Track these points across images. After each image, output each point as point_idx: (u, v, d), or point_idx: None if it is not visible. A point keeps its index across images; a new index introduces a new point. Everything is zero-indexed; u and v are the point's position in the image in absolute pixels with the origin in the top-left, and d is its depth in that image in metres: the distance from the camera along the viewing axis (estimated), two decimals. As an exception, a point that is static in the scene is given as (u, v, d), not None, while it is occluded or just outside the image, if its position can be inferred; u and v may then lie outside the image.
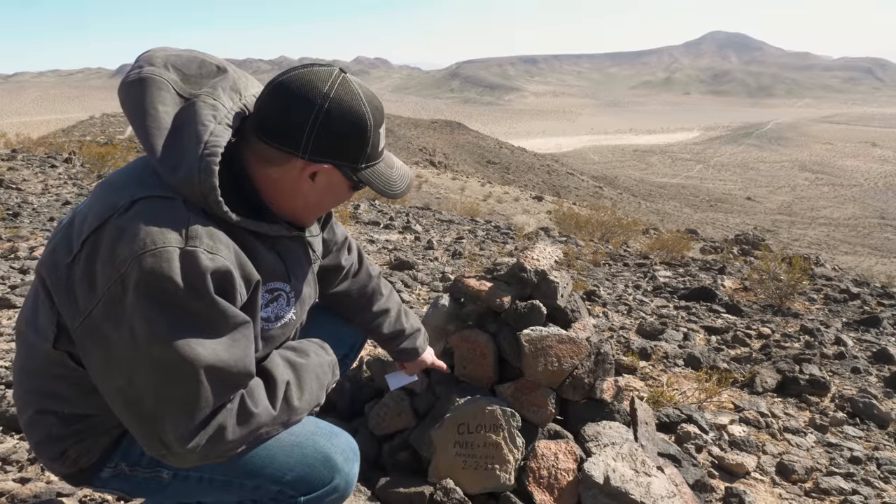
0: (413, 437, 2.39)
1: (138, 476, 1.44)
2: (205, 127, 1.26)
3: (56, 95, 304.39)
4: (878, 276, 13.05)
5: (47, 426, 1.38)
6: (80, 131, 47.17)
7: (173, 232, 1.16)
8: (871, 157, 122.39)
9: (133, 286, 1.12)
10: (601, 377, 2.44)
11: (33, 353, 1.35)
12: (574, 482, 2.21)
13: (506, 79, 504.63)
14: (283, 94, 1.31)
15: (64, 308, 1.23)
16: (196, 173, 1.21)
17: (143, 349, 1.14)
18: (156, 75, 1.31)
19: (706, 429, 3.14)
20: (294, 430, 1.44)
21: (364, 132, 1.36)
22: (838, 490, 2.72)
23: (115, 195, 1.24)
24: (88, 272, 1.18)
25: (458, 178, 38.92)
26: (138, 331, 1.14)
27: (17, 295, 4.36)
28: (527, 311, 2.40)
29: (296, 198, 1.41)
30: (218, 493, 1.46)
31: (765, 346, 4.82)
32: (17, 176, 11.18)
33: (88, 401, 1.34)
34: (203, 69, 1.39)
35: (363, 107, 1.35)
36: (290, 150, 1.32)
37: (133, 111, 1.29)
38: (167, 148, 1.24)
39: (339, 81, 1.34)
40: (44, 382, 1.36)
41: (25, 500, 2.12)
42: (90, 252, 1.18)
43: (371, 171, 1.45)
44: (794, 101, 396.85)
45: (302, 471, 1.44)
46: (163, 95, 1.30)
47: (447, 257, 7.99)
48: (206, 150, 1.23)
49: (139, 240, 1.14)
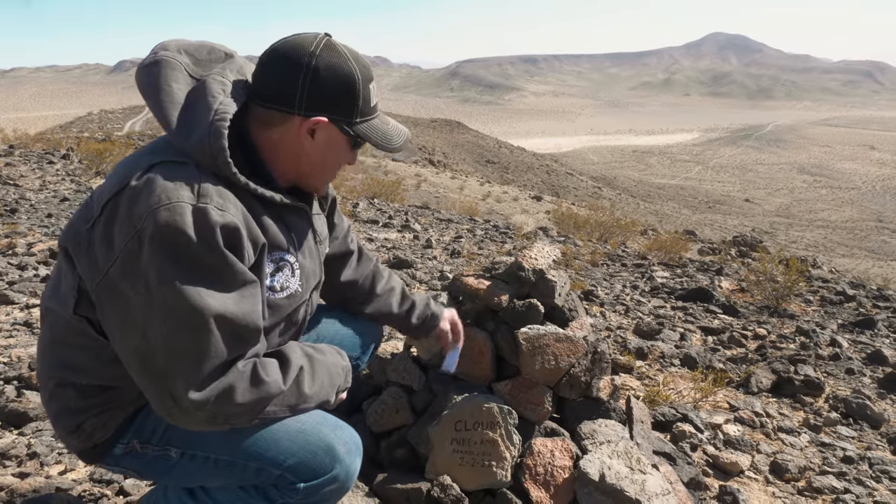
0: (411, 434, 2.40)
1: (148, 454, 1.49)
2: (214, 98, 1.37)
3: (54, 91, 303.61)
4: (874, 279, 13.09)
5: (66, 399, 1.44)
6: (77, 127, 47.12)
7: (185, 189, 1.25)
8: (870, 160, 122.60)
9: (148, 239, 1.20)
10: (598, 376, 2.46)
11: (56, 325, 1.42)
12: (570, 479, 2.23)
13: (505, 78, 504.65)
14: (274, 59, 1.43)
15: (85, 272, 1.30)
16: (206, 137, 1.32)
17: (156, 299, 1.21)
18: (169, 57, 1.42)
19: (701, 428, 3.16)
20: (300, 418, 1.49)
21: (353, 85, 1.46)
22: (830, 489, 2.75)
23: (130, 168, 1.33)
24: (107, 233, 1.26)
25: (457, 178, 38.93)
26: (151, 282, 1.20)
27: (14, 291, 4.37)
28: (525, 309, 2.41)
29: (300, 158, 1.50)
30: (222, 474, 1.49)
31: (760, 347, 4.85)
32: (15, 172, 11.17)
33: (108, 372, 1.41)
34: (212, 55, 1.51)
35: (350, 62, 1.45)
36: (286, 110, 1.43)
37: (149, 89, 1.40)
38: (181, 119, 1.36)
39: (325, 42, 1.45)
40: (66, 354, 1.43)
41: (24, 495, 2.13)
42: (109, 215, 1.27)
43: (367, 125, 1.53)
44: (793, 104, 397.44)
45: (304, 457, 1.47)
46: (176, 75, 1.41)
47: (446, 256, 8.01)
48: (216, 115, 1.34)
49: (154, 196, 1.22)
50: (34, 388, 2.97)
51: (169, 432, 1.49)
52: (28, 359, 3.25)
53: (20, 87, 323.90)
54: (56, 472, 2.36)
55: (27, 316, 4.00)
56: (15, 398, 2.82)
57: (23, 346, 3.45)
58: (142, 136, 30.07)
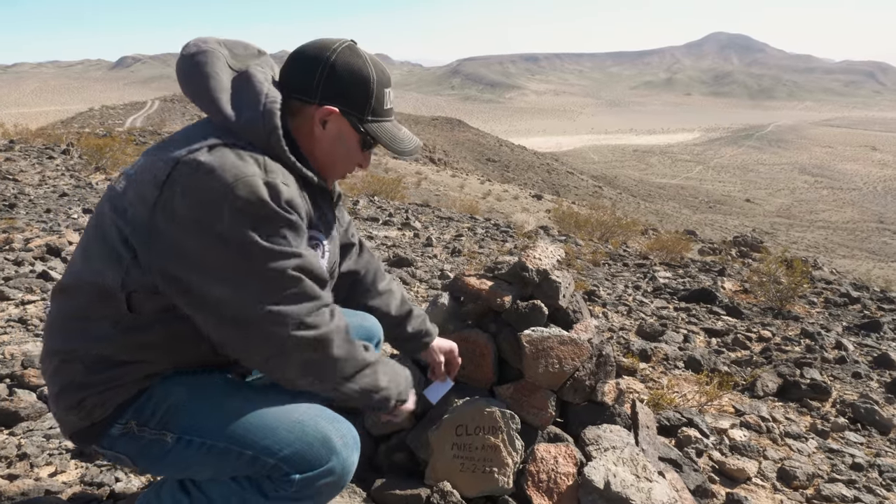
0: (410, 439, 2.34)
1: (145, 437, 1.49)
2: (262, 84, 1.48)
3: (55, 87, 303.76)
4: (875, 280, 13.02)
5: (72, 373, 1.45)
6: (79, 123, 47.00)
7: (254, 165, 1.37)
8: (871, 161, 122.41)
9: (229, 209, 1.30)
10: (602, 379, 2.40)
11: (79, 298, 1.45)
12: (574, 486, 2.17)
13: (507, 77, 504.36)
14: (300, 53, 1.58)
15: (150, 248, 1.36)
16: (260, 117, 1.43)
17: (244, 259, 1.33)
18: (213, 48, 1.53)
19: (707, 433, 3.10)
20: (298, 409, 1.53)
21: (367, 83, 1.57)
22: (840, 497, 2.68)
23: (174, 148, 1.39)
24: (175, 209, 1.32)
25: (457, 176, 38.84)
26: (237, 246, 1.32)
27: (10, 287, 4.31)
28: (528, 311, 2.35)
29: (314, 147, 1.59)
30: (216, 463, 1.48)
31: (765, 350, 4.78)
32: (14, 167, 11.12)
33: (126, 342, 1.45)
34: (247, 51, 1.62)
35: (367, 64, 1.58)
36: (304, 99, 1.55)
37: (196, 77, 1.49)
38: (232, 104, 1.46)
39: (347, 44, 1.58)
40: (85, 325, 1.45)
41: (13, 498, 2.07)
42: (176, 192, 1.32)
43: (378, 125, 1.63)
44: (794, 104, 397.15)
45: (300, 447, 1.47)
46: (221, 65, 1.51)
47: (446, 255, 7.95)
48: (268, 98, 1.46)
49: (229, 172, 1.32)
50: (27, 386, 2.91)
51: (167, 416, 1.49)
52: (21, 356, 3.19)
53: (22, 82, 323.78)
54: (46, 474, 2.31)
55: (22, 312, 3.94)
56: (6, 397, 2.76)
57: (16, 344, 3.39)
58: (143, 132, 30.00)
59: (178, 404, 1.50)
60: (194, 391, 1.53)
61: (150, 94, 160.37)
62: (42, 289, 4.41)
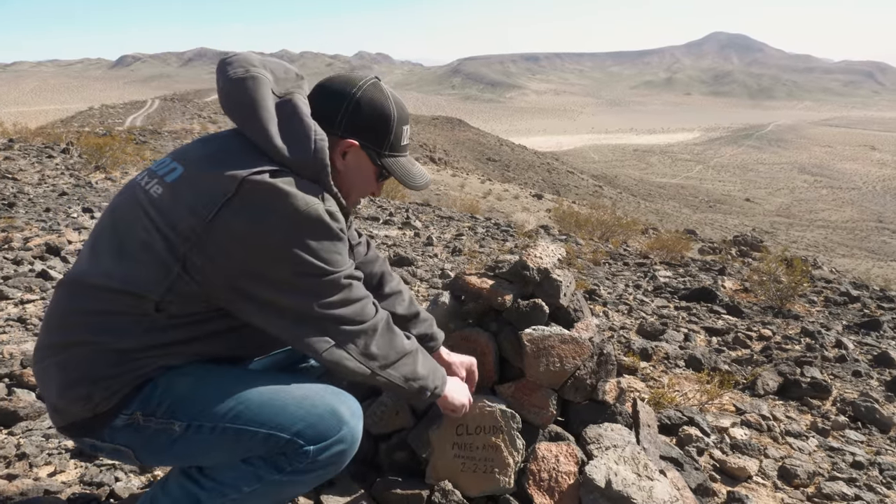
0: (411, 437, 2.33)
1: (151, 427, 1.51)
2: (309, 118, 1.55)
3: (55, 85, 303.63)
4: (875, 280, 13.01)
5: (87, 366, 1.47)
6: (78, 122, 46.95)
7: (315, 195, 1.48)
8: (870, 160, 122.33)
9: (298, 232, 1.44)
10: (603, 378, 2.39)
11: (101, 297, 1.47)
12: (575, 485, 2.16)
13: (507, 76, 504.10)
14: (327, 86, 1.66)
15: (205, 262, 1.43)
16: (311, 153, 1.52)
17: (310, 275, 1.47)
18: (261, 74, 1.58)
19: (708, 431, 3.10)
20: (303, 386, 1.62)
21: (388, 121, 1.66)
22: (841, 495, 2.68)
23: (230, 166, 1.46)
24: (238, 228, 1.41)
25: (458, 175, 38.82)
26: (303, 262, 1.45)
27: (9, 286, 4.30)
28: (529, 309, 2.34)
29: (333, 174, 1.62)
30: (229, 445, 1.52)
31: (766, 348, 4.78)
32: (14, 166, 11.11)
33: (145, 339, 1.48)
34: (287, 74, 1.68)
35: (389, 102, 1.67)
36: (328, 129, 1.59)
37: (243, 103, 1.54)
38: (282, 134, 1.52)
39: (372, 82, 1.67)
40: (103, 319, 1.47)
41: (12, 497, 2.06)
42: (238, 212, 1.41)
43: (394, 160, 1.72)
44: (794, 104, 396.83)
45: (312, 421, 1.55)
46: (267, 91, 1.56)
47: (447, 254, 7.94)
48: (318, 136, 1.53)
49: (300, 200, 1.44)
50: (26, 385, 2.90)
51: (175, 404, 1.50)
52: (20, 356, 3.18)
53: (21, 81, 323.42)
54: (45, 474, 2.30)
55: (21, 311, 3.93)
56: (5, 396, 2.75)
57: (15, 343, 3.39)
58: (143, 131, 29.97)
59: (184, 392, 1.52)
60: (199, 379, 1.55)
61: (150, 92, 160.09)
62: (41, 288, 4.41)
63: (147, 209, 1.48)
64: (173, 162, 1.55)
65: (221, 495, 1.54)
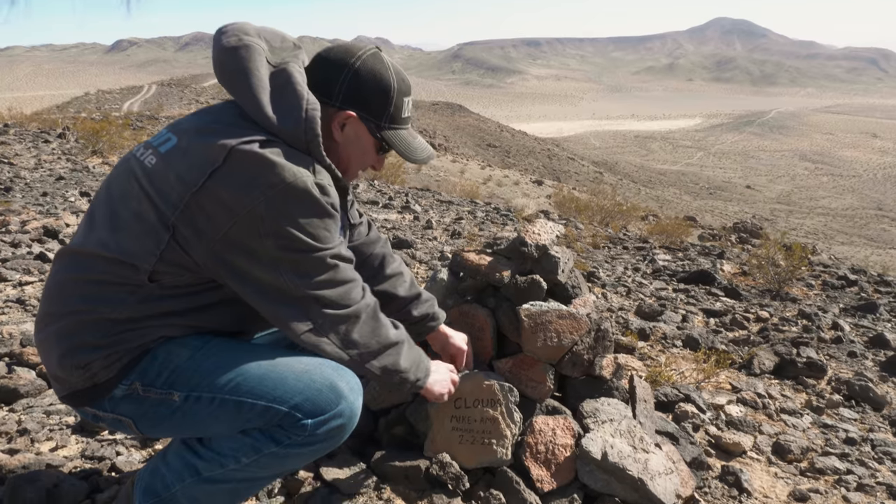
0: (409, 412, 2.36)
1: (150, 398, 1.52)
2: (303, 88, 1.52)
3: (50, 70, 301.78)
4: (873, 267, 13.02)
5: (83, 334, 1.48)
6: (74, 107, 46.74)
7: (306, 168, 1.45)
8: (872, 148, 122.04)
9: (284, 204, 1.40)
10: (600, 354, 2.41)
11: (96, 266, 1.47)
12: (571, 458, 2.19)
13: (508, 61, 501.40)
14: (326, 56, 1.63)
15: (192, 231, 1.42)
16: (302, 123, 1.48)
17: (295, 250, 1.44)
18: (254, 43, 1.55)
19: (703, 408, 3.12)
20: (303, 360, 1.59)
21: (387, 91, 1.63)
22: (833, 470, 2.71)
23: (221, 136, 1.44)
24: (225, 198, 1.39)
25: (458, 161, 38.73)
26: (288, 237, 1.42)
27: (7, 268, 4.31)
28: (527, 285, 2.36)
29: (330, 145, 1.63)
30: (227, 416, 1.53)
31: (763, 330, 4.80)
32: (10, 150, 11.07)
33: (141, 309, 1.48)
34: (284, 43, 1.65)
35: (389, 72, 1.63)
36: (325, 100, 1.59)
37: (236, 72, 1.51)
38: (274, 104, 1.49)
39: (372, 52, 1.64)
40: (98, 289, 1.48)
41: (13, 471, 2.09)
42: (225, 182, 1.39)
43: (394, 133, 1.69)
44: (796, 90, 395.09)
45: (310, 394, 1.53)
46: (261, 60, 1.54)
47: (446, 237, 7.95)
48: (310, 105, 1.50)
49: (287, 170, 1.41)
50: (26, 364, 2.92)
51: (174, 376, 1.52)
52: (20, 335, 3.20)
53: (16, 65, 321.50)
54: (47, 449, 2.32)
55: (20, 293, 3.94)
56: (6, 374, 2.77)
57: (15, 323, 3.40)
58: (139, 116, 29.85)
59: (183, 363, 1.53)
60: (199, 350, 1.56)
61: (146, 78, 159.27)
62: (39, 270, 4.42)
63: (140, 179, 1.48)
64: (168, 133, 1.54)
65: (220, 466, 1.54)
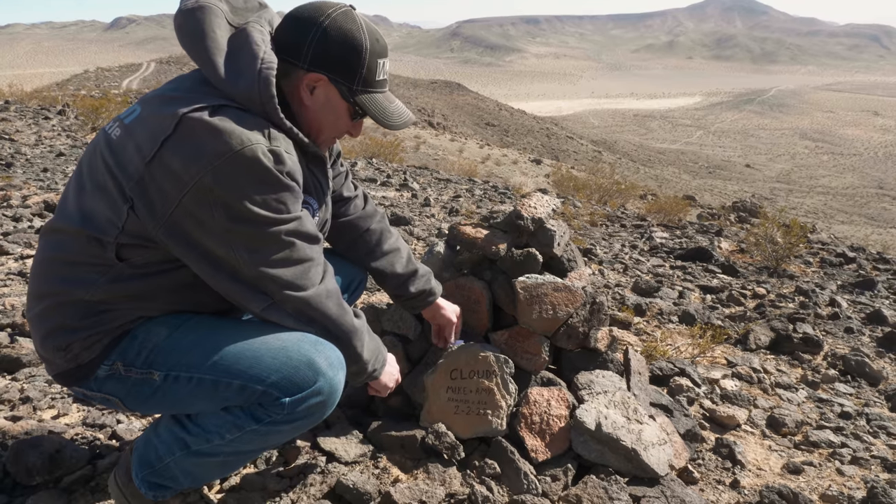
0: (406, 383, 2.38)
1: (132, 377, 1.52)
2: (259, 47, 1.44)
3: (49, 48, 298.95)
4: (873, 245, 13.03)
5: (59, 317, 1.48)
6: (74, 85, 46.40)
7: (258, 133, 1.38)
8: (873, 126, 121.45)
9: (232, 174, 1.34)
10: (596, 326, 2.43)
11: (66, 244, 1.46)
12: (566, 428, 2.21)
13: (507, 39, 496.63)
14: (294, 15, 1.54)
15: (146, 202, 1.37)
16: (256, 84, 1.41)
17: (245, 223, 1.38)
18: (212, 4, 1.48)
19: (698, 382, 3.15)
20: (281, 336, 1.53)
21: (358, 53, 1.53)
22: (827, 443, 2.74)
23: (176, 105, 1.38)
24: (173, 168, 1.34)
25: (456, 140, 38.54)
26: (238, 209, 1.36)
27: (9, 242, 4.32)
28: (522, 258, 2.37)
29: (300, 109, 1.58)
30: (206, 395, 1.52)
31: (759, 306, 4.83)
32: (10, 127, 11.01)
33: (111, 290, 1.47)
34: (248, 3, 1.59)
35: (361, 32, 1.53)
36: (293, 62, 1.51)
37: (192, 34, 1.46)
38: (228, 65, 1.43)
39: (344, 10, 1.53)
40: (72, 269, 1.46)
41: (16, 437, 2.11)
42: (174, 151, 1.34)
43: (368, 97, 1.59)
44: (797, 68, 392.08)
45: (287, 372, 1.49)
46: (219, 21, 1.48)
47: (444, 214, 7.95)
48: (264, 64, 1.42)
49: (235, 138, 1.34)
50: (27, 334, 2.94)
51: (153, 355, 1.51)
52: (21, 307, 3.22)
53: (15, 43, 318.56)
54: (49, 417, 2.35)
55: (21, 266, 3.96)
56: (8, 344, 2.80)
57: (17, 295, 3.42)
58: (139, 94, 29.62)
59: (161, 343, 1.52)
60: (177, 329, 1.55)
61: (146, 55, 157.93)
62: (40, 244, 4.43)
63: (103, 152, 1.45)
64: (136, 104, 1.51)
65: (207, 441, 1.56)
